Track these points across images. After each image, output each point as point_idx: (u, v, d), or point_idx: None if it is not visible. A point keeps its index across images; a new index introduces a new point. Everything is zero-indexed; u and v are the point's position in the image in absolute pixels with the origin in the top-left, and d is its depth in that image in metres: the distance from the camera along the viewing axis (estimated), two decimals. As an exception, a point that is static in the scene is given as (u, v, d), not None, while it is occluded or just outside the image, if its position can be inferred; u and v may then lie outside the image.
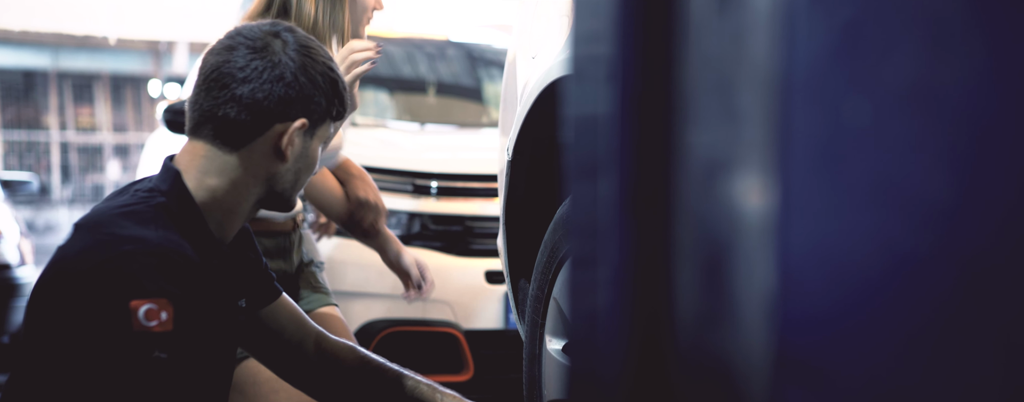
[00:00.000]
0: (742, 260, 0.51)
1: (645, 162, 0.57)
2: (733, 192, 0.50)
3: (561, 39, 1.65)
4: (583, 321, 0.62)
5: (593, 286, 0.61)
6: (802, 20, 0.46)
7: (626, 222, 0.58)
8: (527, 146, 1.74)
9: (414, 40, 4.61)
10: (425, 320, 2.99)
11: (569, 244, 0.64)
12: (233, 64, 1.23)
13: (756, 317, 0.49)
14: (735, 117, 0.51)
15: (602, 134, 0.59)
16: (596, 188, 0.60)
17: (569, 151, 0.63)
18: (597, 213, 0.60)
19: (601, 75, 0.60)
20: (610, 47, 0.58)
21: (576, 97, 0.63)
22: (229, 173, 1.26)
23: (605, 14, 0.59)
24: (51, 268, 1.19)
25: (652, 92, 0.57)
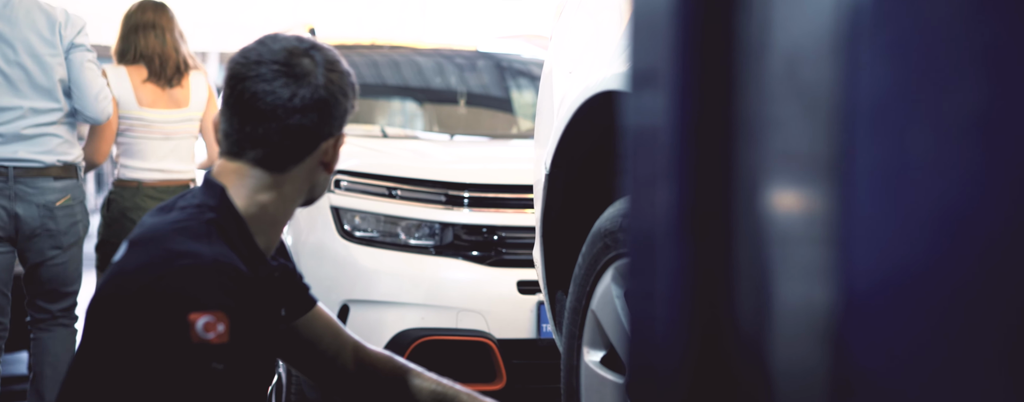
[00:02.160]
0: (796, 276, 0.53)
1: (703, 176, 0.59)
2: (790, 206, 0.53)
3: (599, 55, 1.68)
4: (642, 332, 0.64)
5: (651, 297, 0.64)
6: (862, 40, 0.48)
7: (684, 235, 0.60)
8: (564, 159, 1.77)
9: (443, 51, 4.65)
10: (458, 329, 3.02)
11: (627, 254, 0.66)
12: (278, 95, 1.24)
13: (814, 330, 0.51)
14: (791, 132, 0.53)
15: (661, 148, 0.61)
16: (655, 200, 0.62)
17: (628, 164, 0.65)
18: (656, 226, 0.62)
19: (660, 91, 0.62)
20: (668, 63, 0.61)
21: (635, 112, 0.65)
22: (277, 189, 1.30)
23: (664, 29, 0.61)
24: (109, 283, 1.23)
25: (710, 108, 0.59)
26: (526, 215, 3.12)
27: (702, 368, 0.59)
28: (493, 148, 3.91)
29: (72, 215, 2.76)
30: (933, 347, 0.48)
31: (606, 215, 1.60)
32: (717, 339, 0.58)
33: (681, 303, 0.60)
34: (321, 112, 1.27)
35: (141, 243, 1.23)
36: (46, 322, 2.82)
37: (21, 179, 2.66)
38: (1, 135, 2.65)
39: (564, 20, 1.92)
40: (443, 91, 4.51)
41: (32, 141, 2.67)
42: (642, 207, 0.64)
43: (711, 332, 0.59)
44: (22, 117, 2.66)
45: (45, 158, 2.69)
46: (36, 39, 2.69)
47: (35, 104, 2.68)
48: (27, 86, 2.68)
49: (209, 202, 1.26)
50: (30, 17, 2.71)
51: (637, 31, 0.65)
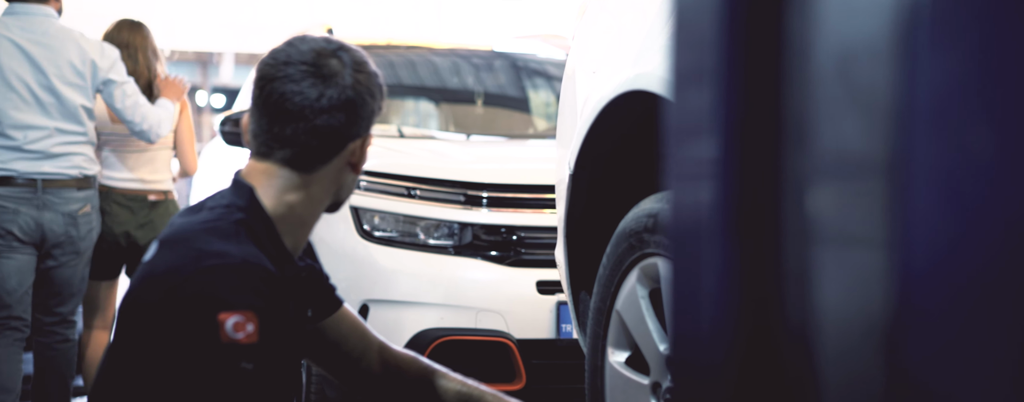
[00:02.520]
0: (848, 279, 0.53)
1: (750, 175, 0.59)
2: (842, 207, 0.52)
3: (623, 54, 1.67)
4: (685, 335, 0.64)
5: (695, 300, 0.63)
6: (920, 36, 0.48)
7: (730, 235, 0.59)
8: (589, 159, 1.76)
9: (459, 51, 4.65)
10: (477, 329, 3.02)
11: (670, 254, 0.66)
12: (306, 95, 1.24)
13: (866, 334, 0.51)
14: (844, 131, 0.52)
15: (706, 147, 0.61)
16: (699, 199, 0.62)
17: (671, 163, 0.65)
18: (700, 225, 0.62)
19: (705, 89, 0.61)
20: (714, 60, 0.60)
21: (678, 111, 0.64)
22: (305, 189, 1.30)
23: (709, 26, 0.61)
24: (139, 282, 1.23)
25: (757, 106, 0.59)
26: (545, 215, 3.11)
27: (748, 372, 0.58)
28: (511, 148, 3.91)
29: (89, 222, 2.99)
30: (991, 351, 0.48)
31: (631, 215, 1.60)
32: (763, 343, 0.58)
33: (726, 306, 0.60)
34: (348, 112, 1.27)
35: (171, 243, 1.24)
36: (52, 337, 3.00)
37: (48, 190, 2.88)
38: (30, 152, 2.88)
39: (587, 20, 1.91)
40: (459, 91, 4.51)
41: (57, 158, 2.90)
42: (686, 206, 0.64)
43: (757, 335, 0.58)
44: (49, 136, 2.89)
45: (69, 172, 2.91)
46: (67, 68, 2.91)
47: (61, 126, 2.90)
48: (55, 109, 2.90)
49: (238, 202, 1.27)
50: (66, 46, 2.92)
51: (681, 27, 0.64)
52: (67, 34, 2.95)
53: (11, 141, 2.86)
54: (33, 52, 2.89)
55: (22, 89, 2.87)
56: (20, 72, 2.87)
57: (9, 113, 2.85)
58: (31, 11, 2.91)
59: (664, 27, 1.58)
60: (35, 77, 2.88)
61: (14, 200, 2.84)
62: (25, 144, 2.86)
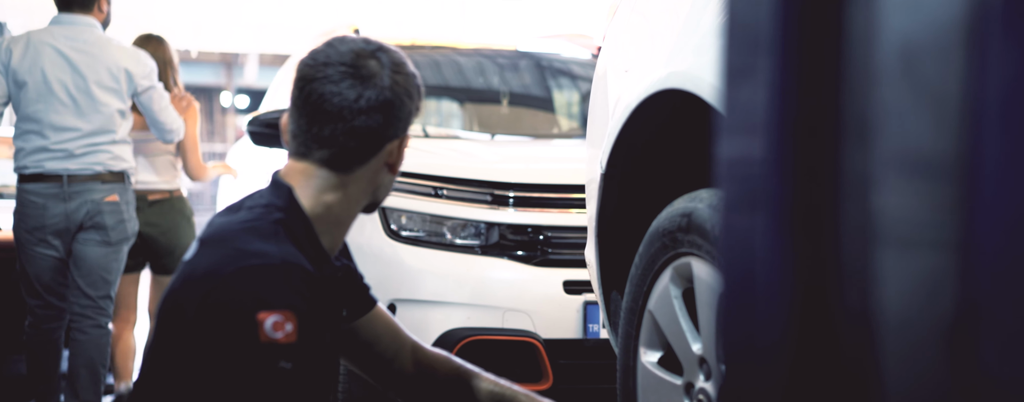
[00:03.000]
0: (911, 281, 0.52)
1: (807, 174, 0.58)
2: (906, 206, 0.52)
3: (657, 53, 1.67)
4: (738, 341, 0.64)
5: (748, 305, 0.63)
6: (992, 30, 0.47)
7: (786, 235, 0.59)
8: (621, 159, 1.76)
9: (483, 51, 4.65)
10: (504, 329, 3.02)
11: (720, 256, 0.66)
12: (344, 96, 1.25)
13: (930, 339, 0.50)
14: (909, 128, 0.52)
15: (761, 147, 0.60)
16: (754, 200, 0.62)
17: (722, 162, 0.65)
18: (754, 226, 0.61)
19: (758, 86, 0.61)
20: (769, 54, 0.60)
21: (732, 108, 0.64)
22: (343, 190, 1.31)
23: (764, 19, 0.60)
24: (180, 281, 1.24)
25: (814, 103, 0.58)
26: (571, 215, 3.11)
27: (806, 380, 0.58)
28: (536, 148, 3.91)
29: (118, 212, 3.16)
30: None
31: (664, 214, 1.59)
32: (821, 349, 0.57)
33: (780, 310, 0.59)
34: (386, 113, 1.27)
35: (211, 242, 1.25)
36: (83, 321, 3.15)
37: (73, 184, 3.10)
38: (55, 151, 3.09)
39: (618, 20, 1.91)
40: (484, 91, 4.52)
41: (81, 157, 3.11)
42: (739, 207, 0.63)
43: (813, 340, 0.58)
44: (79, 138, 3.10)
45: (94, 168, 3.12)
46: (105, 73, 3.13)
47: (91, 128, 3.11)
48: (91, 112, 3.11)
49: (277, 202, 1.28)
50: (105, 54, 3.15)
51: (734, 19, 0.64)
52: (107, 42, 3.18)
53: (44, 140, 3.09)
54: (74, 58, 3.10)
55: (62, 93, 3.09)
56: (61, 77, 3.08)
57: (49, 115, 3.08)
58: (75, 21, 3.16)
59: (697, 26, 1.57)
60: (74, 81, 3.09)
61: (43, 196, 3.07)
62: (55, 144, 3.08)
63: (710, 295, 1.46)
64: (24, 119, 3.10)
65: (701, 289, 1.48)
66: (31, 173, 3.09)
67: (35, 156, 3.09)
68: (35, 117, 3.08)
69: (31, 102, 3.07)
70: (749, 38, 0.61)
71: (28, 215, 3.08)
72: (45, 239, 3.09)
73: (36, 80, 3.07)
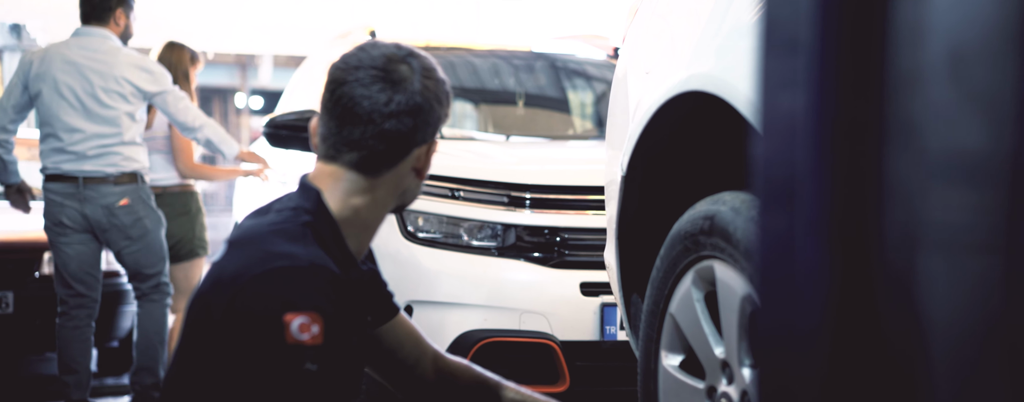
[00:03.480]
0: (957, 286, 0.52)
1: (847, 177, 0.58)
2: (952, 209, 0.51)
3: (676, 56, 1.67)
4: (776, 349, 0.63)
5: (786, 312, 0.63)
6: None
7: (825, 241, 0.59)
8: (641, 161, 1.76)
9: (498, 52, 4.65)
10: (521, 331, 3.02)
11: (757, 261, 0.65)
12: (375, 100, 1.26)
13: (980, 346, 0.50)
14: (956, 129, 0.51)
15: (799, 149, 0.60)
16: (792, 204, 0.61)
17: (760, 171, 0.64)
18: (793, 231, 0.61)
19: (797, 87, 0.61)
20: (807, 54, 0.59)
21: (768, 110, 0.64)
22: (371, 193, 1.31)
23: (803, 15, 0.60)
24: (208, 282, 1.25)
25: (854, 104, 0.58)
26: (588, 216, 3.10)
27: (848, 388, 0.58)
28: (552, 149, 3.91)
29: (133, 212, 3.40)
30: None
31: (686, 217, 1.59)
32: (863, 358, 0.57)
33: (820, 316, 0.59)
34: (416, 117, 1.28)
35: (239, 244, 1.25)
36: (140, 299, 3.52)
37: (88, 185, 3.35)
38: (70, 153, 3.35)
39: (639, 22, 1.90)
40: (499, 92, 4.52)
41: (94, 159, 3.36)
42: (776, 211, 0.63)
43: (856, 352, 0.58)
44: (86, 140, 3.34)
45: (107, 169, 3.37)
46: (112, 80, 3.38)
47: (99, 130, 3.35)
48: (97, 115, 3.36)
49: (305, 205, 1.28)
50: (114, 61, 3.40)
51: (771, 21, 0.63)
52: (117, 52, 3.44)
53: (59, 142, 3.35)
54: (82, 65, 3.37)
55: (70, 97, 3.34)
56: (70, 82, 3.35)
57: (60, 117, 3.35)
58: (90, 33, 3.45)
59: (719, 28, 1.57)
60: (82, 86, 3.35)
61: (61, 195, 3.35)
62: (68, 146, 3.34)
63: (733, 299, 1.45)
64: (42, 123, 3.41)
65: (724, 293, 1.48)
66: (50, 173, 3.40)
67: (53, 158, 3.39)
68: (49, 121, 3.37)
69: (45, 107, 3.36)
70: (787, 41, 0.60)
71: (50, 212, 3.39)
72: (66, 233, 3.37)
73: (48, 87, 3.35)
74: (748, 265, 1.40)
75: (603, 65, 4.62)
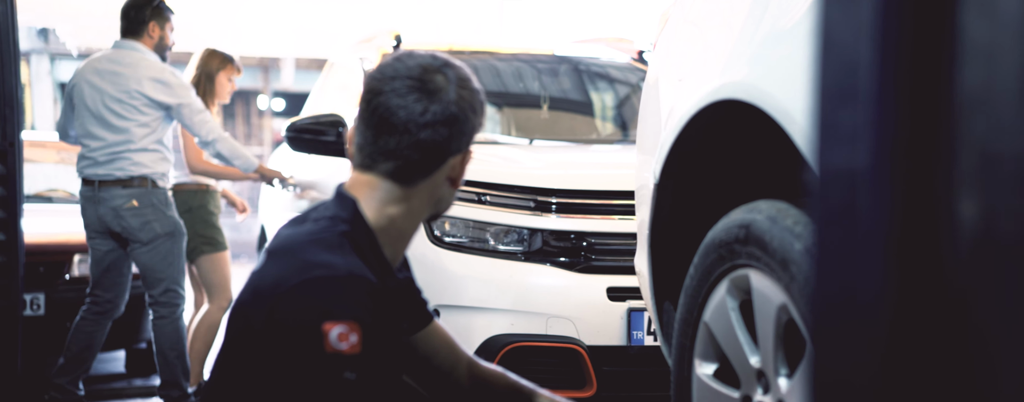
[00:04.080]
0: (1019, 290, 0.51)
1: (910, 187, 0.57)
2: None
3: (710, 64, 1.66)
4: (835, 363, 0.63)
5: (847, 325, 0.62)
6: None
7: (891, 254, 0.58)
8: (674, 168, 1.75)
9: (521, 56, 4.65)
10: (547, 336, 3.02)
11: (814, 274, 0.65)
12: (410, 110, 1.27)
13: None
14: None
15: (863, 163, 0.60)
16: (854, 221, 0.61)
17: (821, 184, 0.64)
18: (855, 248, 0.61)
19: (858, 107, 0.60)
20: (870, 68, 0.59)
21: (826, 132, 0.63)
22: (406, 202, 1.32)
23: (863, 40, 0.59)
24: (248, 291, 1.26)
25: (919, 124, 0.57)
26: (615, 221, 3.10)
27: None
28: (577, 153, 3.90)
29: (141, 215, 3.54)
30: None
31: (721, 225, 1.58)
32: (929, 372, 0.57)
33: (883, 332, 0.59)
34: (451, 127, 1.28)
35: (278, 254, 1.26)
36: (152, 306, 3.61)
37: (102, 188, 3.57)
38: (89, 158, 3.59)
39: (670, 28, 1.90)
40: (522, 95, 4.52)
41: (106, 164, 3.58)
42: (835, 219, 0.63)
43: (922, 364, 0.57)
44: (102, 147, 3.57)
45: (116, 173, 3.57)
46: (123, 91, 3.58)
47: (113, 138, 3.57)
48: (110, 124, 3.57)
49: (342, 214, 1.29)
50: (136, 73, 3.60)
51: (828, 43, 0.63)
52: (138, 64, 3.62)
53: (84, 149, 3.61)
54: (104, 77, 3.59)
55: (92, 106, 3.59)
56: (91, 93, 3.59)
57: (84, 125, 3.61)
58: (122, 45, 3.68)
59: (753, 36, 1.56)
60: (100, 97, 3.58)
61: (84, 198, 3.60)
62: (88, 152, 3.58)
63: (769, 308, 1.45)
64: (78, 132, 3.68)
65: (760, 302, 1.47)
66: (80, 178, 3.64)
67: (80, 163, 3.63)
68: (79, 128, 3.63)
69: (76, 116, 3.62)
70: (846, 59, 0.60)
71: (81, 214, 3.65)
72: (91, 235, 3.61)
73: (78, 97, 3.60)
74: (784, 274, 1.39)
75: (627, 68, 4.61)
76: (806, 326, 1.32)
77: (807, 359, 1.35)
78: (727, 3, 1.70)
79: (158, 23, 3.71)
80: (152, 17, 3.70)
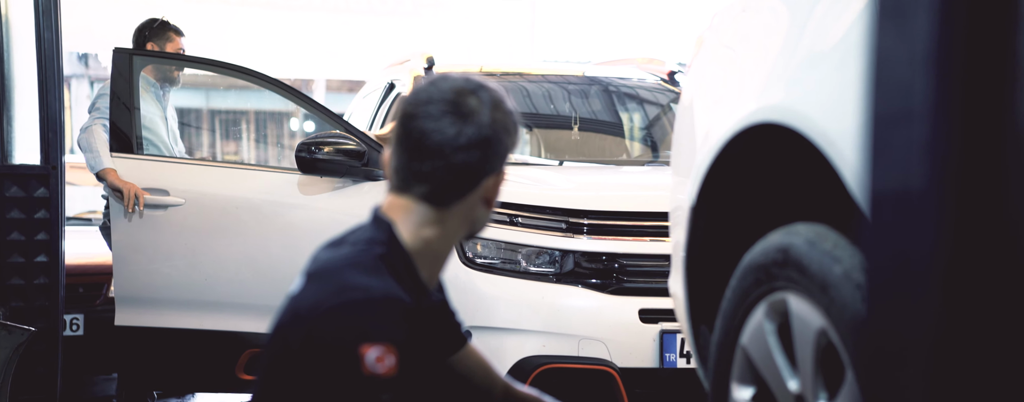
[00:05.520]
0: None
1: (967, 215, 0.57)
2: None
3: (747, 87, 1.66)
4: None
5: (904, 355, 0.62)
6: None
7: (950, 282, 0.58)
8: (710, 191, 1.75)
9: (551, 77, 4.66)
10: (580, 358, 3.01)
11: (868, 303, 0.64)
12: (445, 133, 1.28)
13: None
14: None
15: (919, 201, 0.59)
16: (911, 240, 0.60)
17: (875, 210, 0.64)
18: (912, 272, 0.60)
19: (913, 137, 0.60)
20: (927, 99, 0.58)
21: (880, 162, 0.63)
22: (442, 224, 1.32)
23: (920, 63, 0.59)
24: (286, 314, 1.27)
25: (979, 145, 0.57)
26: (646, 242, 3.09)
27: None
28: (608, 174, 3.90)
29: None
30: None
31: (758, 248, 1.57)
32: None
33: (933, 367, 0.58)
34: (485, 149, 1.29)
35: (316, 277, 1.27)
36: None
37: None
38: None
39: (705, 51, 1.90)
40: (553, 116, 4.52)
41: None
42: (890, 246, 0.62)
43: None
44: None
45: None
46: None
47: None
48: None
49: (378, 237, 1.30)
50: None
51: (883, 50, 0.63)
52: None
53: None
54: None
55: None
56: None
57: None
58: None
59: (790, 59, 1.56)
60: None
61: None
62: None
63: (808, 332, 1.43)
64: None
65: (798, 325, 1.46)
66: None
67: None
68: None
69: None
70: (900, 87, 0.60)
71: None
72: None
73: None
74: (824, 298, 1.38)
75: (657, 89, 4.61)
76: (846, 351, 1.31)
77: (847, 384, 1.34)
78: (763, 26, 1.69)
79: (157, 43, 3.76)
80: (150, 38, 3.76)
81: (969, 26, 0.56)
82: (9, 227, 3.37)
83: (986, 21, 0.56)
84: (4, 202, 3.40)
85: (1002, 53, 0.54)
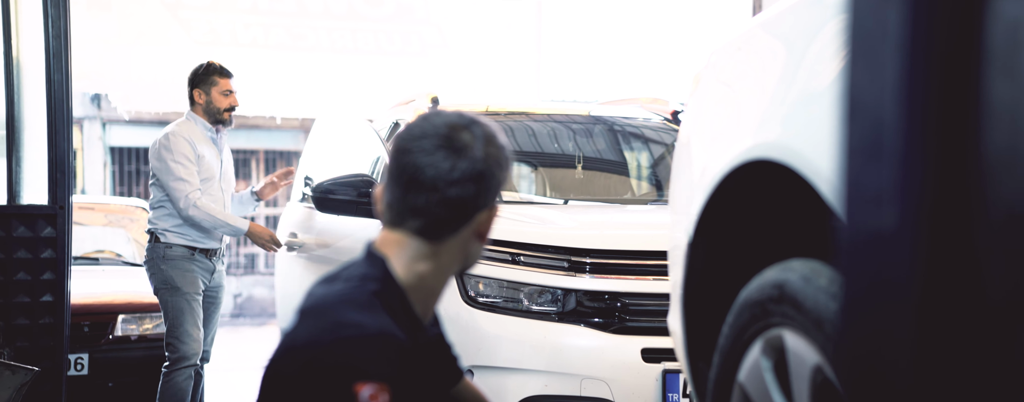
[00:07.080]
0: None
1: (939, 247, 0.57)
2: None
3: (742, 124, 1.67)
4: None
5: (879, 386, 0.62)
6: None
7: (923, 312, 0.58)
8: (707, 228, 1.75)
9: (556, 116, 4.69)
10: (582, 398, 2.99)
11: (841, 334, 0.65)
12: (438, 167, 1.29)
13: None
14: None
15: (889, 217, 0.60)
16: (882, 273, 0.61)
17: (848, 240, 0.64)
18: (886, 304, 0.61)
19: (884, 166, 0.61)
20: (896, 135, 0.59)
21: (856, 185, 0.64)
22: (436, 258, 1.33)
23: (889, 100, 0.60)
24: (281, 351, 1.27)
25: (948, 178, 0.58)
26: (649, 281, 3.08)
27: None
28: (611, 213, 3.91)
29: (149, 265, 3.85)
30: None
31: (754, 284, 1.57)
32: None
33: (913, 396, 0.58)
34: (478, 184, 1.30)
35: (310, 313, 1.28)
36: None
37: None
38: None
39: (703, 89, 1.92)
40: (557, 155, 4.54)
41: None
42: (862, 279, 0.63)
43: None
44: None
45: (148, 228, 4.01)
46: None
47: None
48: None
49: (372, 273, 1.30)
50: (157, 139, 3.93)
51: (856, 87, 0.64)
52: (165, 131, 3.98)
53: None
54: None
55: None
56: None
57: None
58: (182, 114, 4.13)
59: (785, 97, 1.57)
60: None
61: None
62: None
63: (804, 368, 1.43)
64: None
65: (794, 362, 1.45)
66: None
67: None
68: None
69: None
70: (872, 119, 0.61)
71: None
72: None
73: None
74: (819, 334, 1.38)
75: (661, 128, 4.63)
76: (842, 387, 1.30)
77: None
78: (760, 64, 1.71)
79: (202, 89, 3.94)
80: (195, 84, 3.96)
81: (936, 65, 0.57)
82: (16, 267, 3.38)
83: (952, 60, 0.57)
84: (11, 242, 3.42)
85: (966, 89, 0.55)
